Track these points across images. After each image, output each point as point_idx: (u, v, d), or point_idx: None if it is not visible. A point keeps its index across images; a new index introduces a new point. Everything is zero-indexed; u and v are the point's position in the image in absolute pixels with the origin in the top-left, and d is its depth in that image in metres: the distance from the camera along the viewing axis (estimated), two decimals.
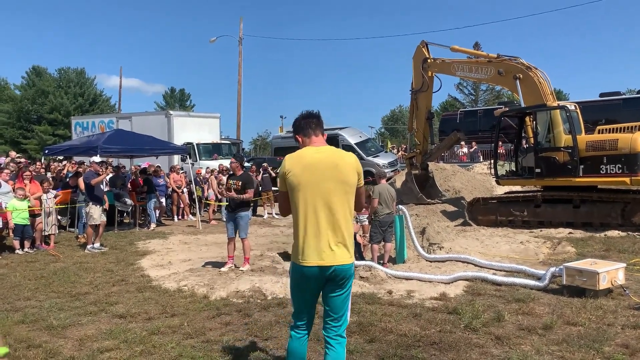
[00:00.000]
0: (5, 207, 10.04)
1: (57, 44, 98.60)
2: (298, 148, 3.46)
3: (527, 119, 12.28)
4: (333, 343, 3.32)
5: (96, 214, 10.46)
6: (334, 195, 3.23)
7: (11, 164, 14.38)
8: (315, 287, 3.32)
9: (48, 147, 15.84)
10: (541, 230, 10.88)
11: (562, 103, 11.77)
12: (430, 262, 8.69)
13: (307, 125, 3.44)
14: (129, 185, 13.86)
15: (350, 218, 3.33)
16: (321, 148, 3.38)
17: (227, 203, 8.93)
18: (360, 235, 10.01)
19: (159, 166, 15.45)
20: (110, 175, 12.78)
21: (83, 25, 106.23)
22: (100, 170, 10.94)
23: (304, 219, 3.25)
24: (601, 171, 10.57)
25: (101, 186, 11.00)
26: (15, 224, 10.05)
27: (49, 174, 14.71)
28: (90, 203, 10.48)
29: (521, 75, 11.72)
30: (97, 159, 11.81)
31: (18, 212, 10.10)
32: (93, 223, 10.44)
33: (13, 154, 18.59)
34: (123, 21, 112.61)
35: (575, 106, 11.52)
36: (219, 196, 13.96)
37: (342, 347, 3.35)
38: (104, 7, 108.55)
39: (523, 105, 11.93)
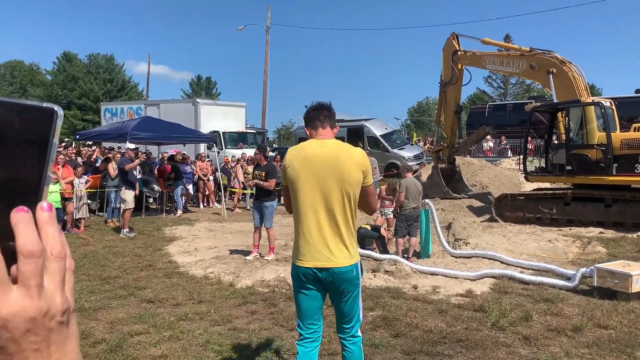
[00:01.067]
0: None
1: (88, 31, 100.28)
2: None
3: (560, 114, 11.99)
4: (348, 344, 3.22)
5: (129, 198, 10.68)
6: (334, 193, 3.03)
7: None
8: (316, 291, 3.13)
9: (79, 133, 16.17)
10: (570, 229, 10.66)
11: (596, 99, 11.47)
12: (456, 257, 8.61)
13: (315, 116, 3.23)
14: (155, 172, 14.07)
15: (352, 218, 3.12)
16: (326, 141, 3.17)
17: (252, 192, 9.00)
18: (384, 229, 9.97)
19: (185, 154, 15.63)
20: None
21: (113, 12, 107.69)
22: (135, 156, 11.18)
23: (302, 217, 3.09)
24: (636, 170, 10.28)
25: (134, 172, 11.22)
26: None
27: (79, 159, 15.03)
28: (124, 187, 10.70)
29: (554, 70, 11.43)
30: (131, 145, 12.04)
31: (49, 195, 10.35)
32: (127, 207, 10.65)
33: None
34: (152, 8, 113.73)
35: (610, 102, 11.21)
36: (245, 185, 14.06)
37: (358, 347, 3.24)
38: None
39: (555, 100, 11.64)
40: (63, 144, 17.31)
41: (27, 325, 0.46)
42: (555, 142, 12.28)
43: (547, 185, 12.86)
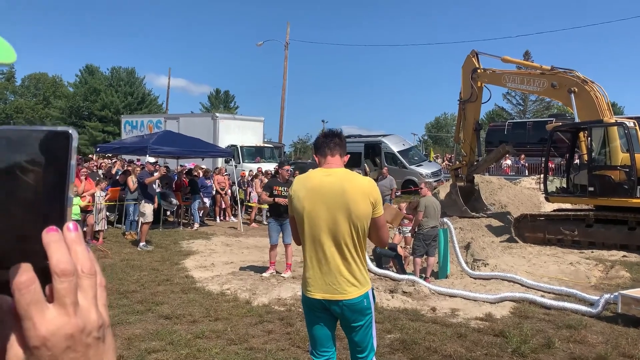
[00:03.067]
0: None
1: (110, 44, 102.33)
2: None
3: (581, 134, 11.84)
4: None
5: (148, 211, 10.78)
6: (341, 225, 2.93)
7: None
8: (327, 319, 3.08)
9: (100, 145, 16.42)
10: (592, 252, 10.44)
11: (620, 119, 11.29)
12: (475, 279, 8.47)
13: (325, 144, 3.14)
14: (173, 185, 14.20)
15: (362, 249, 3.02)
16: (333, 170, 3.07)
17: (269, 208, 9.00)
18: (401, 247, 9.88)
19: (207, 168, 15.79)
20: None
21: (135, 27, 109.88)
22: (154, 169, 11.31)
23: (309, 248, 3.02)
24: None
25: (154, 185, 11.33)
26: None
27: (100, 171, 15.24)
28: (143, 201, 10.81)
29: (576, 89, 11.32)
30: (151, 159, 12.18)
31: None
32: (146, 221, 10.74)
33: None
34: (173, 22, 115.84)
35: (634, 123, 11.02)
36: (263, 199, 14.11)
37: None
38: (156, 9, 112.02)
39: (577, 119, 11.51)
40: (83, 157, 17.61)
41: (66, 342, 0.48)
42: (577, 162, 12.10)
43: (568, 206, 12.66)
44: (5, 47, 0.48)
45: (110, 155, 19.21)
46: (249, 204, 16.00)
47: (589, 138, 11.33)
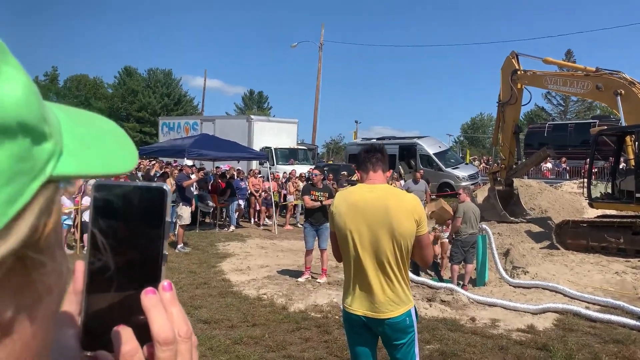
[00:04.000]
0: None
1: (148, 46, 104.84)
2: None
3: (628, 138, 11.38)
4: None
5: (186, 214, 10.96)
6: (384, 242, 2.89)
7: None
8: (367, 338, 3.04)
9: (140, 147, 16.82)
10: (639, 261, 10.02)
11: None
12: (514, 287, 8.26)
13: (367, 159, 3.10)
14: (209, 188, 14.40)
15: (405, 266, 2.97)
16: (375, 186, 3.03)
17: (305, 212, 9.02)
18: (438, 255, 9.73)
19: (240, 169, 15.97)
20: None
21: (172, 29, 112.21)
22: (192, 172, 11.50)
23: (350, 265, 2.98)
24: None
25: (191, 188, 11.52)
26: None
27: (139, 173, 15.59)
28: (181, 204, 11.00)
29: (623, 91, 10.88)
30: (189, 162, 12.39)
31: None
32: (183, 223, 10.93)
33: None
34: (208, 24, 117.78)
35: None
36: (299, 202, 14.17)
37: None
38: (192, 12, 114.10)
39: (623, 122, 11.07)
40: None
41: None
42: (623, 167, 11.64)
43: (613, 212, 12.20)
44: (126, 148, 0.46)
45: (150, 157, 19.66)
46: (283, 203, 16.10)
47: (637, 142, 10.88)
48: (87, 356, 0.50)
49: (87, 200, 10.69)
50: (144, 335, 0.49)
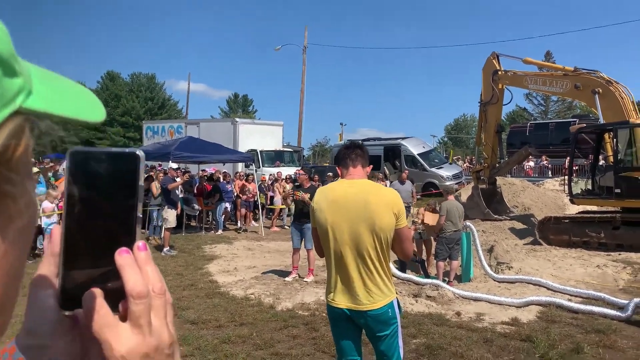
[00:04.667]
0: None
1: (130, 50, 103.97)
2: None
3: (607, 135, 11.64)
4: None
5: (171, 217, 10.92)
6: (365, 236, 2.94)
7: None
8: (351, 331, 3.09)
9: None
10: (620, 254, 10.23)
11: None
12: (499, 282, 8.39)
13: (347, 155, 3.15)
14: (195, 190, 14.33)
15: (386, 259, 3.03)
16: (355, 182, 3.08)
17: (289, 207, 9.07)
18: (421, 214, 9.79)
19: (226, 172, 15.91)
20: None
21: (155, 32, 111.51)
22: (177, 175, 11.44)
23: (332, 260, 3.03)
24: None
25: (177, 191, 11.47)
26: None
27: None
28: (167, 207, 10.95)
29: (601, 90, 11.14)
30: (174, 165, 12.33)
31: None
32: (169, 226, 10.88)
33: None
34: (192, 28, 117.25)
35: None
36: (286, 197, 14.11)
37: None
38: (175, 16, 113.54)
39: (602, 120, 11.32)
40: None
41: None
42: (602, 163, 11.89)
43: (593, 208, 12.45)
44: (95, 104, 0.49)
45: None
46: (270, 207, 16.09)
47: (615, 139, 11.13)
48: (65, 315, 0.52)
49: None
50: (120, 294, 0.51)
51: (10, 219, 0.44)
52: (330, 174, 17.71)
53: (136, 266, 0.51)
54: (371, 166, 3.31)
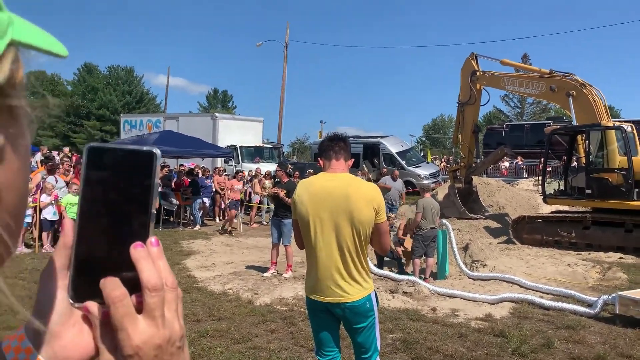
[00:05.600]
0: (60, 202, 10.49)
1: (109, 42, 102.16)
2: None
3: (579, 137, 11.95)
4: None
5: None
6: (344, 229, 2.97)
7: (65, 159, 14.98)
8: (329, 323, 3.13)
9: None
10: (589, 254, 10.54)
11: (617, 123, 11.41)
12: (473, 280, 8.56)
13: (330, 147, 3.16)
14: (172, 185, 14.21)
15: (364, 253, 3.08)
16: (337, 175, 3.10)
17: (268, 206, 9.08)
18: (400, 248, 9.94)
19: (205, 167, 15.82)
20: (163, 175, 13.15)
21: (134, 25, 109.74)
22: None
23: (312, 252, 3.06)
24: None
25: None
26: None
27: None
28: None
29: (574, 93, 11.42)
30: None
31: (71, 207, 10.53)
32: None
33: (67, 149, 19.36)
34: (172, 21, 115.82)
35: (631, 126, 11.14)
36: (264, 195, 14.03)
37: None
38: (155, 8, 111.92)
39: (575, 123, 11.62)
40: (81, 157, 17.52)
41: (154, 352, 0.51)
42: (575, 164, 12.19)
43: (565, 208, 12.77)
44: (57, 41, 0.52)
45: None
46: (249, 204, 16.05)
47: (587, 141, 11.44)
48: (75, 307, 0.53)
49: (45, 198, 10.42)
50: (131, 288, 0.52)
51: (21, 134, 0.47)
52: (311, 170, 17.78)
53: (150, 259, 0.53)
54: (352, 160, 3.34)
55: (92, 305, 0.53)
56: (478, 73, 13.68)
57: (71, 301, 0.53)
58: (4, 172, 0.45)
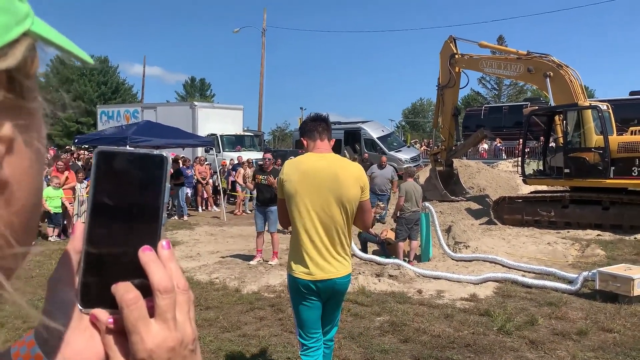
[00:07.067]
0: None
1: (81, 32, 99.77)
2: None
3: (557, 117, 12.13)
4: (325, 350, 3.30)
5: None
6: (332, 207, 3.06)
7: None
8: (314, 302, 3.18)
9: (78, 137, 16.13)
10: (568, 232, 10.79)
11: (594, 102, 11.61)
12: (457, 261, 8.70)
13: (314, 128, 3.22)
14: None
15: (349, 231, 3.20)
16: (324, 155, 3.18)
17: (254, 196, 9.03)
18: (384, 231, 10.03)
19: (185, 157, 15.65)
20: None
21: (107, 13, 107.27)
22: None
23: (300, 230, 3.10)
24: (633, 173, 10.42)
25: None
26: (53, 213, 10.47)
27: (79, 163, 15.01)
28: None
29: (551, 73, 11.57)
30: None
31: (51, 200, 10.36)
32: None
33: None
34: (146, 9, 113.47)
35: (607, 106, 11.35)
36: (246, 186, 13.92)
37: (331, 351, 3.40)
38: None
39: (552, 103, 11.78)
40: (65, 149, 17.25)
41: (167, 354, 0.51)
42: (553, 145, 12.39)
43: (544, 187, 13.01)
44: (80, 50, 0.51)
45: (88, 146, 18.89)
46: (232, 193, 15.98)
47: (564, 121, 11.63)
48: (84, 313, 0.52)
49: None
50: (143, 293, 0.51)
51: (32, 123, 0.45)
52: (292, 157, 17.69)
53: (160, 262, 0.52)
54: (334, 140, 3.40)
55: (100, 313, 0.52)
56: (457, 56, 13.75)
57: (80, 307, 0.52)
58: (13, 167, 0.43)
